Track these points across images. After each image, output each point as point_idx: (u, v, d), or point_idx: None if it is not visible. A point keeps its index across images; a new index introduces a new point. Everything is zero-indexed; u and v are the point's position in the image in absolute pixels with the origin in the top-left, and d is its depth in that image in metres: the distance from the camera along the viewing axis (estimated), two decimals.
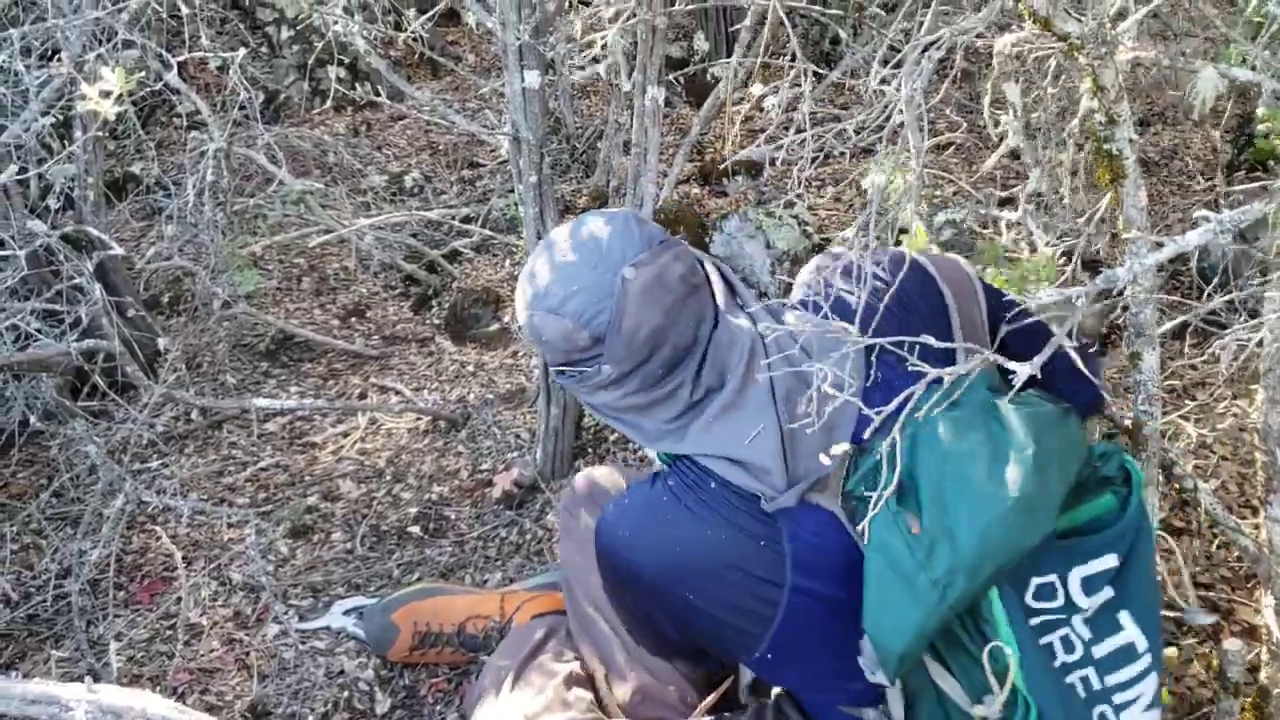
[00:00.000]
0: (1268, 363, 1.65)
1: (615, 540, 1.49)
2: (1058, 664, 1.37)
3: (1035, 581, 1.37)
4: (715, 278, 1.52)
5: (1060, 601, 1.38)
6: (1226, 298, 1.44)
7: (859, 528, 1.36)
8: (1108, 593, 1.39)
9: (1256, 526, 1.87)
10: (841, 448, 1.11)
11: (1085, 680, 1.38)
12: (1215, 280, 2.19)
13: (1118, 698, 1.39)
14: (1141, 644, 1.39)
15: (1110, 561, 1.39)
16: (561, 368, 1.52)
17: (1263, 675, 1.71)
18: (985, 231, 2.11)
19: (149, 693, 1.16)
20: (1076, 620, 1.39)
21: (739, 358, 1.43)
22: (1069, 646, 1.38)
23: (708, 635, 1.52)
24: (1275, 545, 1.72)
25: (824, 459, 1.18)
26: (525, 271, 1.51)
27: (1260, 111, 2.14)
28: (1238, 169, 3.02)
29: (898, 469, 1.24)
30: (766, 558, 1.39)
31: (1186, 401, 2.42)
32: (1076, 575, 1.38)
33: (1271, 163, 2.61)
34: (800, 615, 1.40)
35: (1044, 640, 1.37)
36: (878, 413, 1.18)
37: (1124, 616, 1.40)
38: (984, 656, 1.33)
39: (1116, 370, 2.50)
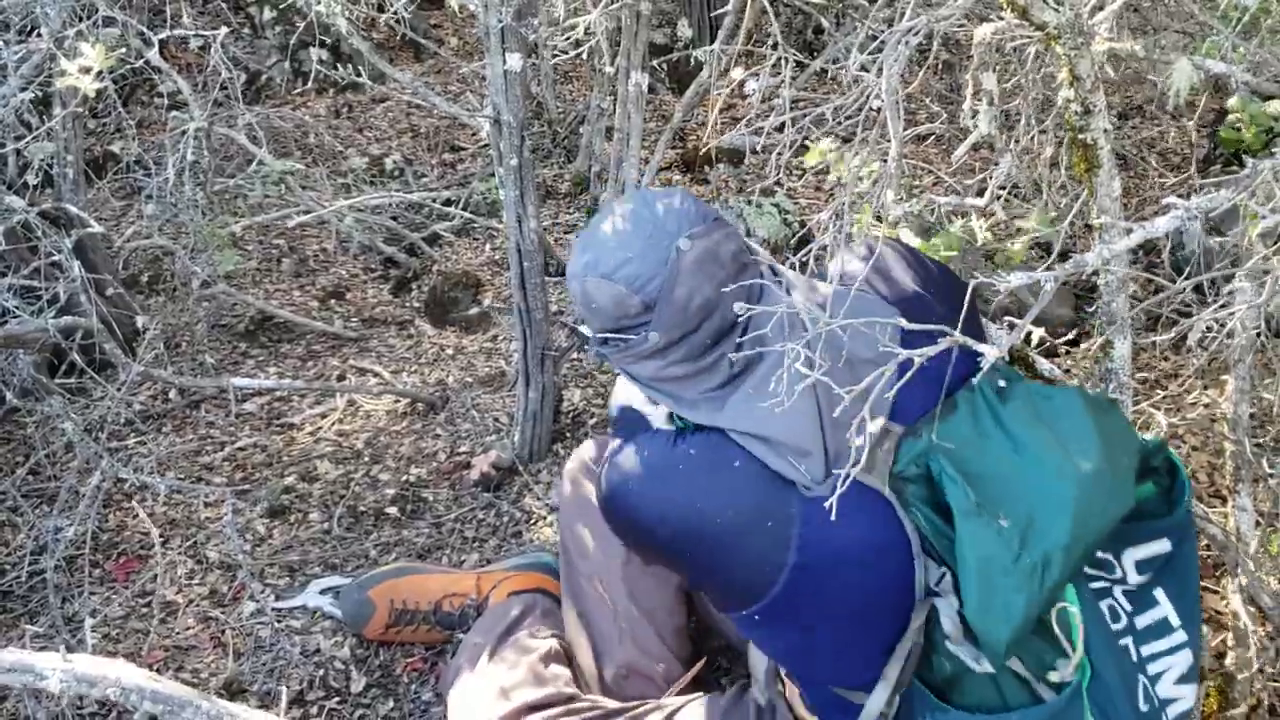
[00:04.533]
0: (1237, 353, 1.68)
1: (625, 493, 1.50)
2: (1111, 629, 1.43)
3: (1095, 552, 1.43)
4: (761, 258, 1.56)
5: (1116, 575, 1.44)
6: (1194, 281, 1.46)
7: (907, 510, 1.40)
8: (1151, 574, 1.45)
9: (1225, 515, 1.89)
10: (877, 423, 1.12)
11: (1126, 649, 1.44)
12: (1188, 272, 2.21)
13: (1151, 668, 1.45)
14: (1175, 620, 1.45)
15: (1164, 546, 1.45)
16: (607, 336, 1.52)
17: (1228, 661, 1.74)
18: (949, 218, 2.12)
19: (123, 662, 1.17)
20: (1118, 591, 1.44)
21: (779, 335, 1.42)
22: (1115, 615, 1.44)
23: (701, 583, 1.57)
24: (1243, 533, 1.75)
25: (859, 439, 1.20)
26: (578, 241, 1.54)
27: (1232, 103, 2.16)
28: (1213, 163, 3.04)
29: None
30: (771, 538, 1.40)
31: (1158, 392, 2.44)
32: (1130, 556, 1.44)
33: (1245, 155, 2.64)
34: (797, 590, 1.41)
35: (1099, 605, 1.43)
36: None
37: (1159, 593, 1.45)
38: (1053, 616, 1.37)
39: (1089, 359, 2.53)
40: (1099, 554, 1.44)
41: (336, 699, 1.99)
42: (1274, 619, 1.73)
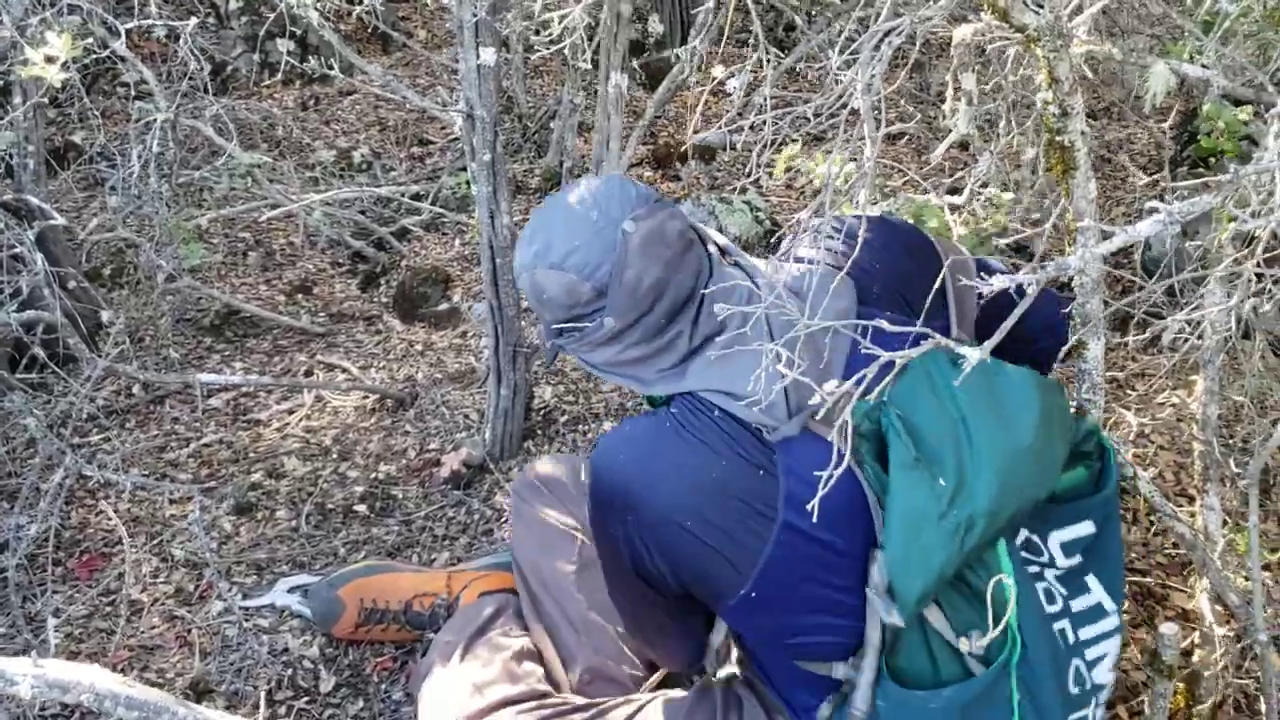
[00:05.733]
0: (1208, 355, 1.69)
1: (614, 464, 1.49)
2: (1046, 611, 1.43)
3: (1023, 534, 1.44)
4: (708, 234, 1.57)
5: (1044, 557, 1.45)
6: (1166, 283, 1.47)
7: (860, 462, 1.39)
8: (1079, 557, 1.46)
9: (1192, 514, 1.91)
10: (831, 384, 1.13)
11: (1063, 632, 1.45)
12: (1158, 274, 2.23)
13: (1089, 653, 1.46)
14: (1109, 605, 1.47)
15: (1087, 528, 1.47)
16: (561, 326, 1.53)
17: (1195, 658, 1.76)
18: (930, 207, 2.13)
19: (96, 667, 1.15)
20: (1050, 574, 1.46)
21: (735, 306, 1.43)
22: (1050, 598, 1.45)
23: (695, 569, 1.49)
24: (1210, 533, 1.77)
25: (818, 397, 1.21)
26: (523, 234, 1.54)
27: (1206, 108, 2.18)
28: (1181, 164, 3.07)
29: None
30: (763, 487, 1.41)
31: (1128, 392, 2.47)
32: (1056, 539, 1.45)
33: (1214, 159, 2.67)
34: (787, 550, 1.41)
35: (1035, 586, 1.44)
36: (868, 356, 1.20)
37: (1091, 579, 1.47)
38: (988, 588, 1.37)
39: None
40: (1027, 536, 1.45)
41: (305, 698, 1.97)
42: (1240, 618, 1.75)
